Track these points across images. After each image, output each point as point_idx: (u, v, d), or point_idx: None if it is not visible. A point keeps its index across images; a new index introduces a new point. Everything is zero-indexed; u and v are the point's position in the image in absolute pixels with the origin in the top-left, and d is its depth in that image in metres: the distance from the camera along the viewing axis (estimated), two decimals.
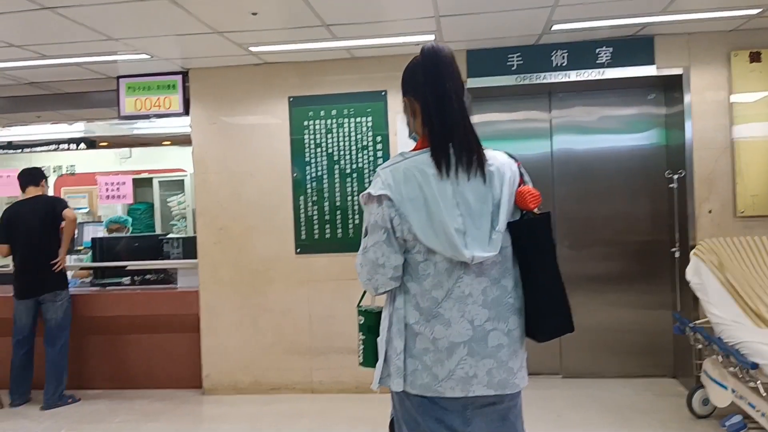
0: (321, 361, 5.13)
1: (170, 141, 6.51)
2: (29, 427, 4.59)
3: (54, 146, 6.31)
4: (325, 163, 5.12)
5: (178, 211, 8.68)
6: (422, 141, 1.87)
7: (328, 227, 5.12)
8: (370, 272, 1.86)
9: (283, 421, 4.56)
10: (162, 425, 4.56)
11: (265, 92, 5.16)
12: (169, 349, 5.39)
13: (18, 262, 5.04)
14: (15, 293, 5.03)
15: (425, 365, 1.82)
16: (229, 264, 5.22)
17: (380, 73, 5.01)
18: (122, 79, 5.26)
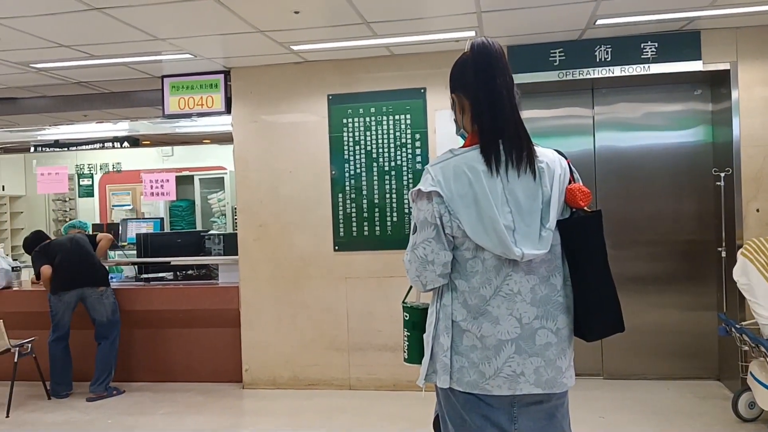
0: (359, 358, 5.15)
1: (210, 139, 6.59)
2: (77, 418, 4.72)
3: (99, 145, 6.45)
4: (364, 161, 5.13)
5: (218, 208, 8.81)
6: (471, 138, 1.87)
7: (366, 225, 5.14)
8: (418, 269, 1.85)
9: (323, 416, 4.60)
10: (204, 418, 4.64)
11: (305, 90, 5.21)
12: (210, 344, 5.48)
13: (57, 262, 5.16)
14: (53, 289, 5.13)
15: (472, 362, 1.81)
16: (269, 260, 5.28)
17: (420, 71, 5.01)
18: (167, 78, 5.37)
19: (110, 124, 6.77)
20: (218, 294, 5.47)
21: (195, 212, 8.90)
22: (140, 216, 8.83)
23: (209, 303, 5.46)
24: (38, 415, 4.79)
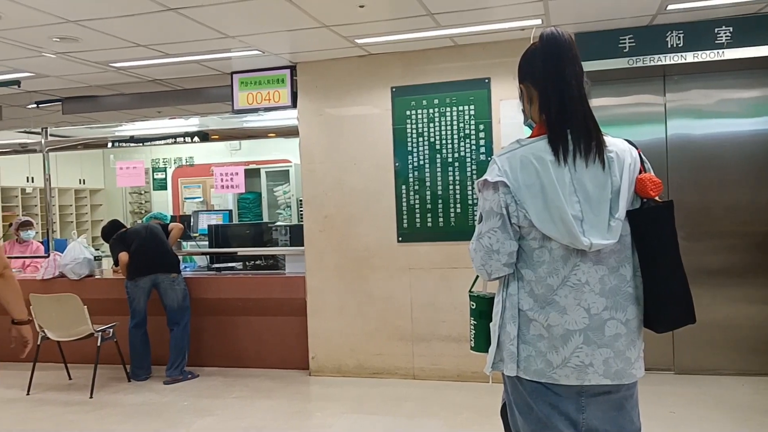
0: (423, 348, 5.20)
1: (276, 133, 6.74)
2: (155, 400, 4.97)
3: (171, 140, 6.71)
4: (427, 153, 5.16)
5: (284, 200, 9.02)
6: (539, 128, 1.87)
7: (430, 216, 5.17)
8: (483, 258, 1.87)
9: (388, 404, 4.67)
10: (274, 402, 4.80)
11: (369, 83, 5.27)
12: (278, 332, 5.65)
13: (133, 249, 5.41)
14: (129, 275, 5.39)
15: (539, 351, 1.82)
16: (334, 251, 5.39)
17: (484, 60, 4.98)
18: (236, 74, 5.54)
19: (182, 120, 7.04)
20: (285, 283, 5.63)
21: (261, 204, 9.14)
22: (210, 208, 9.14)
23: (276, 292, 5.62)
24: (119, 397, 5.07)
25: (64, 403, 4.99)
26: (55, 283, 5.88)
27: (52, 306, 5.18)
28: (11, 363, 5.90)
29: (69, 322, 5.15)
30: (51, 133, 6.78)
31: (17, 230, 6.96)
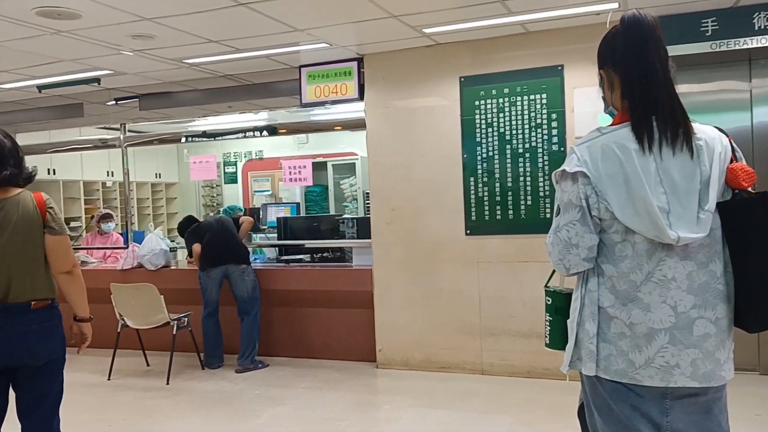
0: (492, 343, 5.11)
1: (343, 126, 6.78)
2: (227, 388, 5.10)
3: (241, 134, 6.85)
4: (497, 143, 5.05)
5: (350, 192, 9.07)
6: (621, 115, 1.78)
7: (499, 208, 5.06)
8: (561, 252, 1.80)
9: (456, 398, 4.62)
10: (342, 394, 4.83)
11: (437, 73, 5.20)
12: (346, 323, 5.68)
13: (205, 241, 5.59)
14: (201, 266, 5.56)
15: (621, 350, 1.74)
16: (401, 243, 5.37)
17: (556, 47, 4.83)
18: (304, 68, 5.58)
19: (252, 115, 7.18)
20: (352, 276, 5.65)
21: (328, 197, 9.22)
22: (278, 201, 9.31)
23: (344, 284, 5.66)
24: (193, 384, 5.23)
25: (143, 388, 5.19)
26: (134, 273, 6.12)
27: (130, 295, 5.39)
28: (94, 349, 6.13)
29: (146, 311, 5.34)
30: (129, 128, 7.05)
31: (98, 222, 7.29)
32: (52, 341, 2.76)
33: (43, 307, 2.72)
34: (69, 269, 2.80)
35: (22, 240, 2.68)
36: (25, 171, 2.77)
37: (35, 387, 2.78)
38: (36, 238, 2.71)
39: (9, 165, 2.69)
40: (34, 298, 2.69)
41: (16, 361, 2.68)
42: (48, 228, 2.74)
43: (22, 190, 2.76)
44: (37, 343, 2.70)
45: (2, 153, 2.69)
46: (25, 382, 2.75)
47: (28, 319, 2.67)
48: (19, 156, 2.77)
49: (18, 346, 2.66)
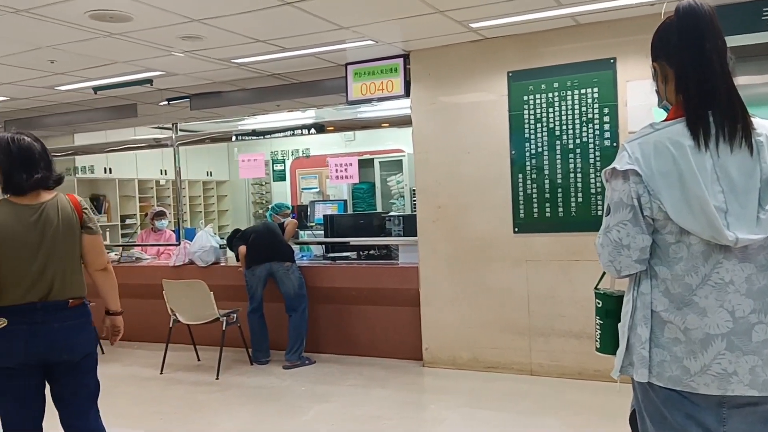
0: (541, 343, 5.01)
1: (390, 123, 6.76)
2: (275, 383, 5.16)
3: (289, 132, 6.92)
4: (546, 139, 4.94)
5: (397, 190, 9.05)
6: (675, 110, 1.70)
7: (549, 206, 4.95)
8: (612, 253, 1.73)
9: (504, 399, 4.55)
10: (388, 392, 4.82)
11: (484, 69, 5.12)
12: (391, 321, 5.67)
13: (250, 241, 5.69)
14: (247, 265, 5.66)
15: (675, 356, 1.66)
16: (447, 241, 5.31)
17: (608, 39, 4.68)
18: (350, 66, 5.58)
19: (299, 113, 7.24)
20: (398, 273, 5.63)
21: (375, 194, 9.23)
22: (326, 198, 9.37)
23: (390, 282, 5.64)
24: (242, 379, 5.31)
25: (193, 382, 5.30)
26: (185, 269, 6.26)
27: (181, 291, 5.51)
28: (147, 343, 6.37)
29: (197, 307, 5.45)
30: (180, 128, 7.21)
31: (152, 220, 7.48)
32: (86, 337, 2.85)
33: (78, 305, 2.82)
34: (104, 266, 2.91)
35: (64, 240, 2.77)
36: (55, 174, 2.86)
37: (71, 382, 2.86)
38: (75, 238, 2.81)
39: (40, 168, 2.78)
40: (72, 296, 2.78)
41: (54, 357, 2.76)
42: (86, 228, 2.84)
43: (57, 193, 2.85)
44: (73, 339, 2.78)
45: (33, 157, 2.77)
46: (62, 378, 2.84)
47: (65, 316, 2.76)
48: (49, 159, 2.85)
49: (56, 343, 2.74)
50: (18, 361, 2.70)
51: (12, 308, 2.68)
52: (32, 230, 2.71)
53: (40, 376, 2.81)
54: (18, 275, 2.70)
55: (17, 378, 2.73)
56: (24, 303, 2.69)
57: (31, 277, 2.70)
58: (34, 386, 2.79)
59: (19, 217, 2.71)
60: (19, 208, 2.73)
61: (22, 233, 2.70)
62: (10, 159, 2.73)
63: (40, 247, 2.72)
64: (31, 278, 2.70)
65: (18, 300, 2.69)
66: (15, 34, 4.41)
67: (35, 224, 2.72)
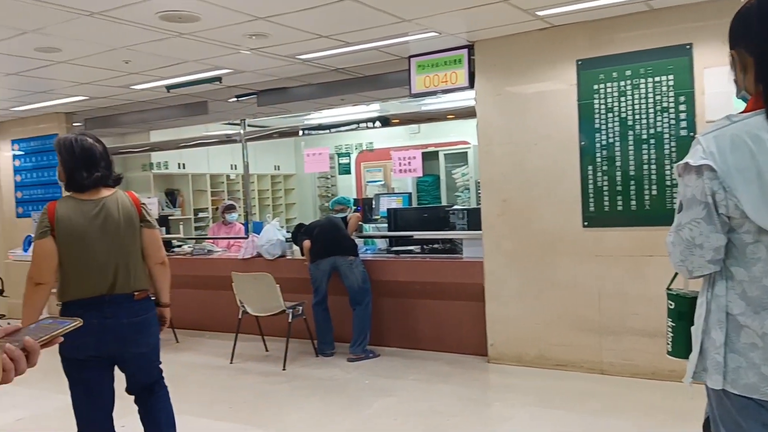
0: (612, 342, 4.84)
1: (454, 115, 6.68)
2: (339, 375, 5.21)
3: (354, 126, 6.95)
4: (617, 129, 4.75)
5: (462, 182, 8.95)
6: (754, 101, 1.58)
7: (620, 199, 4.76)
8: (683, 253, 1.63)
9: (572, 399, 4.42)
10: (452, 387, 4.78)
11: (551, 58, 4.97)
12: (455, 316, 5.61)
13: (314, 235, 5.76)
14: (311, 259, 5.72)
15: (752, 363, 1.56)
16: (513, 235, 5.20)
17: (684, 24, 4.44)
18: (413, 58, 5.54)
19: (363, 106, 7.26)
20: (462, 268, 5.56)
21: (440, 187, 9.16)
22: (390, 191, 9.36)
23: (454, 276, 5.59)
24: (308, 370, 5.39)
25: (261, 373, 5.42)
26: (253, 262, 6.40)
27: (249, 283, 5.65)
28: (219, 333, 6.57)
29: (264, 299, 5.57)
30: (248, 123, 7.36)
31: (223, 213, 7.69)
32: (152, 331, 2.99)
33: (143, 297, 2.94)
34: (162, 260, 3.03)
35: (125, 234, 2.90)
36: (114, 173, 3.01)
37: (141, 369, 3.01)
38: (135, 231, 2.94)
39: (100, 167, 2.92)
40: (136, 288, 2.91)
41: (123, 352, 2.90)
42: (144, 222, 2.97)
43: (116, 190, 2.98)
44: (141, 335, 2.92)
45: (94, 157, 2.92)
46: (131, 366, 2.99)
47: (133, 310, 2.88)
48: (109, 159, 3.00)
49: (125, 339, 2.87)
50: (88, 354, 2.83)
51: (81, 302, 2.82)
52: (94, 224, 2.85)
53: (111, 369, 2.95)
54: (82, 267, 2.83)
55: (88, 370, 2.88)
56: (92, 296, 2.81)
57: (95, 269, 2.83)
58: (105, 378, 2.93)
59: (81, 212, 2.86)
60: (82, 203, 2.88)
61: (84, 226, 2.84)
62: (73, 158, 2.89)
63: (102, 240, 2.85)
64: (95, 270, 2.83)
65: (85, 293, 2.82)
66: (91, 35, 4.60)
67: (96, 218, 2.86)
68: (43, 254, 2.81)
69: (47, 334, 1.09)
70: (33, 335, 1.07)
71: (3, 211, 8.72)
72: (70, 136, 2.97)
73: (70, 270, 2.84)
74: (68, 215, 2.83)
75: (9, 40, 4.56)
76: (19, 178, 8.55)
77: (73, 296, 2.84)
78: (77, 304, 2.82)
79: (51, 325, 1.13)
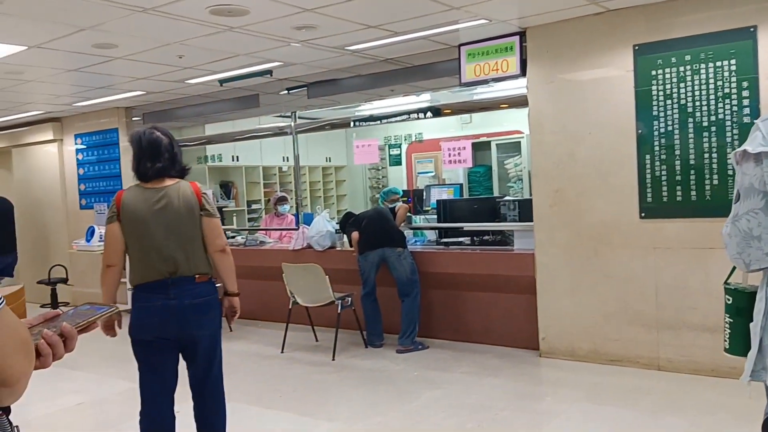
0: (669, 337, 4.67)
1: (507, 104, 6.56)
2: (388, 367, 5.21)
3: (405, 116, 6.91)
4: (677, 117, 4.55)
5: (515, 173, 8.79)
6: None
7: (680, 189, 4.57)
8: (740, 245, 1.54)
9: (627, 395, 4.29)
10: (501, 381, 4.71)
11: (607, 43, 4.80)
12: (506, 309, 5.53)
13: (363, 227, 5.76)
14: (360, 250, 5.72)
15: None
16: (566, 227, 5.07)
17: (747, 6, 4.21)
18: (463, 46, 5.45)
19: (414, 97, 7.19)
20: (513, 260, 5.47)
21: (492, 177, 9.02)
22: (441, 182, 9.29)
23: (504, 269, 5.49)
24: (357, 361, 5.41)
25: (311, 363, 5.48)
26: (304, 253, 6.46)
27: (299, 274, 5.70)
28: (270, 322, 6.67)
29: (314, 290, 5.62)
30: (299, 116, 7.42)
31: (275, 205, 7.79)
32: (214, 313, 3.10)
33: (205, 280, 3.07)
34: (222, 248, 3.12)
35: (185, 222, 3.04)
36: (178, 164, 3.15)
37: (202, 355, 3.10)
38: (195, 219, 3.06)
39: (163, 159, 3.08)
40: (197, 272, 3.04)
41: (185, 332, 3.02)
42: (204, 211, 3.09)
43: (179, 180, 3.13)
44: (203, 317, 3.04)
45: (159, 148, 3.08)
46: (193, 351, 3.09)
47: (195, 293, 3.01)
48: (174, 151, 3.14)
49: (187, 320, 2.99)
50: (154, 335, 3.00)
51: (146, 285, 3.00)
52: (156, 211, 3.01)
53: (175, 349, 3.09)
54: (145, 252, 3.01)
55: (153, 350, 3.03)
56: (156, 280, 2.98)
57: (156, 254, 2.99)
58: (169, 358, 3.08)
59: (144, 199, 3.03)
60: (145, 191, 3.06)
61: (145, 213, 3.01)
62: (140, 150, 3.08)
63: (162, 227, 3.01)
64: (157, 255, 2.99)
65: (150, 277, 2.99)
66: (146, 31, 4.71)
67: (156, 205, 3.02)
68: (111, 238, 3.04)
69: (85, 320, 1.11)
70: (70, 321, 1.09)
71: (67, 203, 9.09)
72: (140, 129, 3.15)
73: (135, 254, 3.04)
74: (132, 202, 3.03)
75: (69, 37, 4.72)
76: (82, 171, 8.89)
77: (140, 280, 3.02)
78: (143, 288, 3.01)
79: (88, 311, 1.15)
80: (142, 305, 3.01)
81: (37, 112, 8.36)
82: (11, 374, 0.90)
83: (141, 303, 3.01)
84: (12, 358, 0.90)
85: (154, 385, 3.08)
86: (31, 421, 4.17)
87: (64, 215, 9.12)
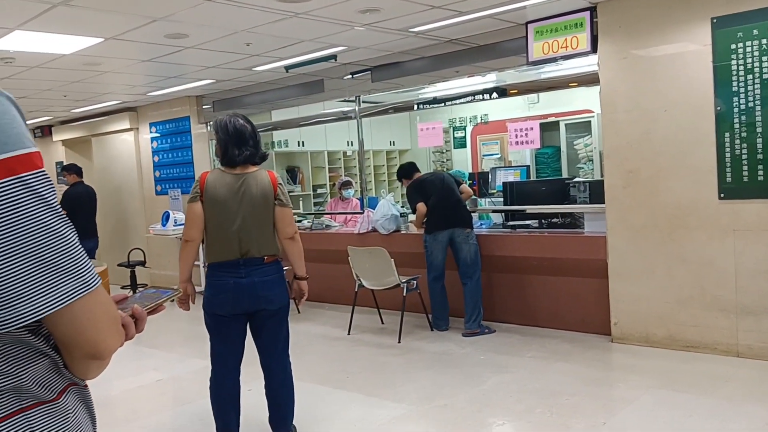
0: (750, 323, 4.45)
1: (577, 82, 6.36)
2: (454, 350, 5.20)
3: (470, 98, 6.81)
4: (758, 92, 4.31)
5: (585, 153, 8.54)
6: None
7: (762, 168, 4.34)
8: None
9: (703, 382, 4.13)
10: (571, 366, 4.62)
11: (682, 16, 4.57)
12: (576, 293, 5.41)
13: (432, 204, 5.65)
14: (428, 229, 5.64)
15: None
16: (639, 209, 4.90)
17: None
18: (530, 24, 5.31)
19: (479, 77, 7.06)
20: (583, 243, 5.33)
21: (560, 159, 8.80)
22: (507, 164, 9.13)
23: (574, 252, 5.37)
24: (422, 344, 5.43)
25: (377, 345, 5.53)
26: (369, 237, 6.50)
27: (365, 258, 5.75)
28: (337, 305, 6.78)
29: (379, 273, 5.66)
30: (363, 100, 7.43)
31: (340, 189, 7.87)
32: (281, 290, 3.30)
33: (272, 261, 3.27)
34: (292, 235, 3.32)
35: (260, 208, 3.22)
36: (261, 151, 3.32)
37: (270, 330, 3.34)
38: (269, 207, 3.24)
39: (249, 146, 3.24)
40: (266, 253, 3.24)
41: (255, 307, 3.24)
42: (278, 200, 3.27)
43: (259, 168, 3.31)
44: (271, 292, 3.24)
45: (244, 136, 3.24)
46: (261, 326, 3.32)
47: (263, 271, 3.22)
48: (257, 139, 3.30)
49: (257, 295, 3.21)
50: (227, 310, 3.22)
51: (220, 264, 3.22)
52: (234, 196, 3.20)
53: (244, 323, 3.32)
54: (221, 232, 3.20)
55: (226, 323, 3.27)
56: (229, 260, 3.18)
57: (231, 235, 3.18)
58: (239, 331, 3.31)
59: (225, 183, 3.22)
60: (228, 176, 3.24)
61: (225, 196, 3.20)
62: (227, 137, 3.23)
63: (238, 211, 3.19)
64: (231, 236, 3.18)
65: (225, 256, 3.20)
66: (213, 20, 4.81)
67: (237, 190, 3.20)
68: (192, 215, 3.24)
69: (153, 302, 1.16)
70: (140, 303, 1.13)
71: (144, 189, 9.47)
72: (225, 117, 3.29)
73: (212, 234, 3.23)
74: (214, 185, 3.21)
75: (142, 27, 4.88)
76: (157, 159, 9.23)
77: (214, 259, 3.24)
78: (217, 266, 3.24)
79: (154, 294, 1.21)
80: (216, 282, 3.23)
81: (114, 102, 8.71)
82: (105, 347, 0.96)
83: (215, 280, 3.24)
84: (106, 333, 0.96)
85: (223, 354, 3.32)
86: (113, 396, 4.39)
87: (141, 201, 9.51)
